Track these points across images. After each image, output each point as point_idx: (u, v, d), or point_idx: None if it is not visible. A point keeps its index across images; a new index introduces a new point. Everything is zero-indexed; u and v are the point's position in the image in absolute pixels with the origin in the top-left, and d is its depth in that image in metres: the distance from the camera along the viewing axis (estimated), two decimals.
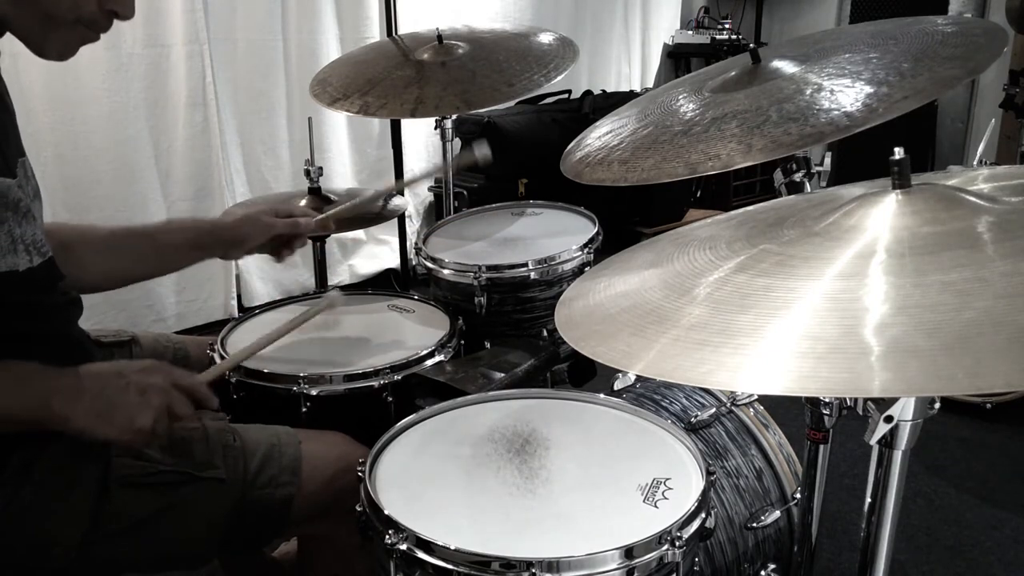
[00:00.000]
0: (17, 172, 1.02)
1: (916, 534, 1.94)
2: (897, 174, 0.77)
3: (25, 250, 1.02)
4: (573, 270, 1.58)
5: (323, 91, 1.87)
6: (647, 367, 0.70)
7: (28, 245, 1.03)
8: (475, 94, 1.75)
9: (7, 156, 1.02)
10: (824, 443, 1.03)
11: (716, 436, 1.31)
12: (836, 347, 0.62)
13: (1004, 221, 0.73)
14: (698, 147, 0.99)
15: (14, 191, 1.00)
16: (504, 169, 3.61)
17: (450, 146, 2.03)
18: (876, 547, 0.89)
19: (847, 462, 2.09)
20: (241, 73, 3.09)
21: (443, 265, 1.59)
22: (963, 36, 1.01)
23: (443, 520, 0.93)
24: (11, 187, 0.99)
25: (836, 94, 0.96)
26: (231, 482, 1.10)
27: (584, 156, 1.17)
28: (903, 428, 0.82)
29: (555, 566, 0.84)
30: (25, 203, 1.02)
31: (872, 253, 0.71)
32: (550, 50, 1.88)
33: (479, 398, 1.20)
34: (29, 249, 1.03)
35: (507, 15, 3.95)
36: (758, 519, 1.25)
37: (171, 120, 2.89)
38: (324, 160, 3.19)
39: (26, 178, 1.06)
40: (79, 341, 1.16)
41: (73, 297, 1.16)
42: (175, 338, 1.45)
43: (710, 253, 0.83)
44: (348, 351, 1.41)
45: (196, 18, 2.83)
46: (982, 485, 2.15)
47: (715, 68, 1.30)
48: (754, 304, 0.70)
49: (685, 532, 0.90)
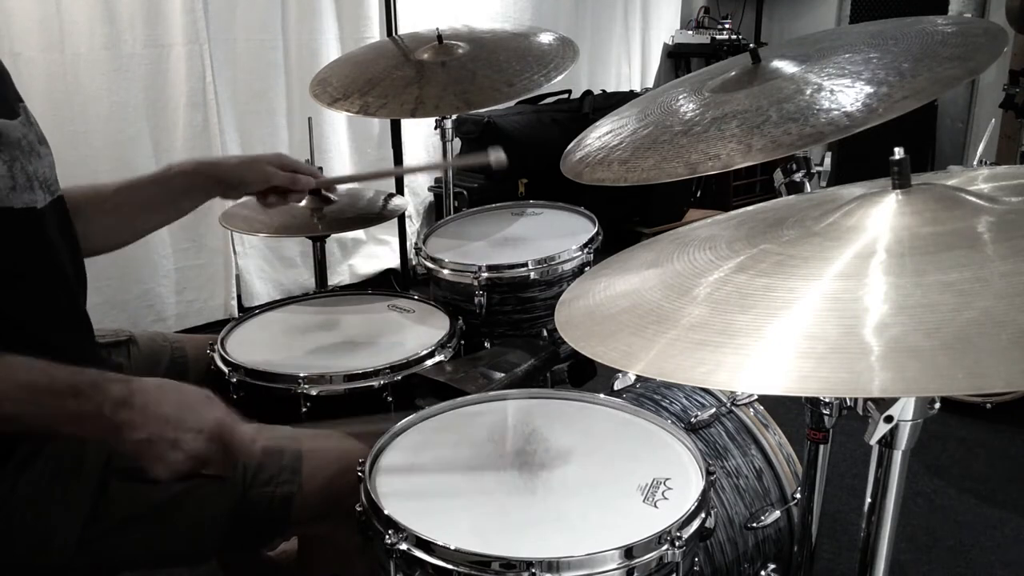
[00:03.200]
0: (19, 112, 1.03)
1: (916, 534, 1.94)
2: (897, 174, 0.77)
3: (40, 187, 1.03)
4: (573, 270, 1.58)
5: (323, 91, 1.87)
6: (647, 367, 0.69)
7: (42, 182, 1.03)
8: (475, 94, 1.75)
9: (7, 98, 1.03)
10: (824, 443, 1.03)
11: (716, 436, 1.31)
12: (836, 347, 0.62)
13: (1004, 221, 0.73)
14: (698, 147, 0.99)
15: (18, 129, 1.01)
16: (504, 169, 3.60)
17: (450, 146, 2.03)
18: (876, 547, 0.89)
19: (847, 462, 2.09)
20: (241, 73, 3.09)
21: (443, 265, 1.59)
22: (963, 36, 1.01)
23: (443, 520, 0.93)
24: (15, 127, 1.00)
25: (836, 94, 0.96)
26: (231, 480, 1.10)
27: (584, 156, 1.17)
28: (903, 428, 0.82)
29: (555, 566, 0.84)
30: (28, 140, 1.03)
31: (872, 253, 0.71)
32: (550, 50, 1.88)
33: (479, 398, 1.20)
34: (44, 187, 1.04)
35: (507, 15, 3.95)
36: (758, 519, 1.25)
37: (171, 120, 2.89)
38: (324, 160, 3.19)
39: (28, 122, 1.07)
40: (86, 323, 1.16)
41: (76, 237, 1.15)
42: (173, 337, 1.45)
43: (710, 253, 0.83)
44: (348, 351, 1.41)
45: (196, 18, 2.83)
46: (982, 485, 2.15)
47: (715, 68, 1.30)
48: (754, 304, 0.70)
49: (685, 532, 0.90)
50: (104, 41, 2.69)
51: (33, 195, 1.01)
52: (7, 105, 1.02)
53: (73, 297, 1.12)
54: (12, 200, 0.98)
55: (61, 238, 1.10)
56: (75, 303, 1.13)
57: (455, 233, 1.78)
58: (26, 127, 1.04)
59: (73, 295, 1.12)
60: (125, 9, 2.72)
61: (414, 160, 3.65)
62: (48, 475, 1.03)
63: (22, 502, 1.01)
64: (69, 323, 1.12)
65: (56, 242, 1.08)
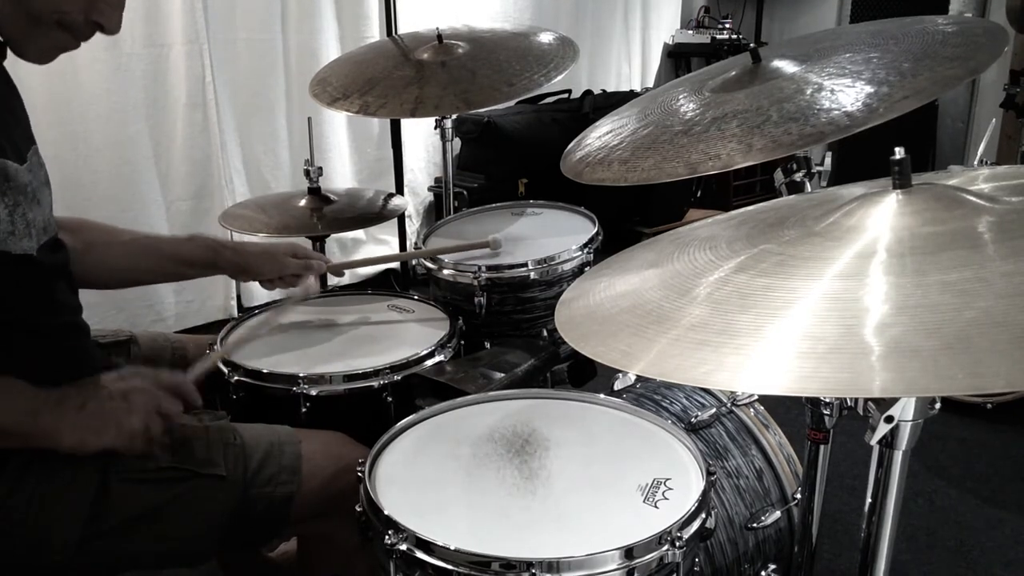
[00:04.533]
0: (28, 159, 1.04)
1: (917, 534, 1.94)
2: (898, 174, 0.77)
3: (37, 234, 1.04)
4: (573, 270, 1.58)
5: (323, 91, 1.87)
6: (647, 367, 0.69)
7: (39, 230, 1.04)
8: (475, 94, 1.75)
9: (18, 143, 1.04)
10: (824, 443, 1.03)
11: (716, 436, 1.31)
12: (836, 347, 0.62)
13: (1004, 221, 0.73)
14: (698, 147, 0.99)
15: (24, 175, 1.01)
16: (504, 169, 3.61)
17: (450, 146, 2.03)
18: (877, 547, 0.89)
19: (847, 462, 2.09)
20: (241, 73, 3.09)
21: (443, 265, 1.59)
22: (964, 36, 1.01)
23: (443, 520, 0.93)
24: (21, 172, 1.01)
25: (836, 94, 0.96)
26: (231, 480, 1.11)
27: (584, 156, 1.17)
28: (903, 428, 0.82)
29: (555, 566, 0.84)
30: (32, 187, 1.04)
31: (872, 253, 0.71)
32: (550, 50, 1.88)
33: (479, 398, 1.20)
34: (40, 235, 1.05)
35: (507, 15, 3.94)
36: (758, 519, 1.25)
37: (171, 120, 2.89)
38: (324, 160, 3.19)
39: (39, 165, 1.08)
40: (85, 331, 1.17)
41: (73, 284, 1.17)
42: (173, 337, 1.45)
43: (710, 253, 0.83)
44: (348, 351, 1.41)
45: (196, 18, 2.83)
46: (983, 485, 2.15)
47: (715, 68, 1.30)
48: (754, 304, 0.70)
49: (685, 532, 0.90)
50: (104, 41, 2.67)
51: (30, 242, 1.02)
52: (18, 150, 1.03)
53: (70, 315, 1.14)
54: (10, 245, 0.99)
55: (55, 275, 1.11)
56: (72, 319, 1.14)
57: (455, 233, 1.78)
58: (32, 173, 1.05)
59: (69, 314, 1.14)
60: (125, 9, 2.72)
61: (414, 160, 3.65)
62: (48, 476, 1.03)
63: (23, 503, 1.01)
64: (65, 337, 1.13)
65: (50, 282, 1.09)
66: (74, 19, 1.00)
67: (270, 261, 1.42)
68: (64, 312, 1.12)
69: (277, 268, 1.42)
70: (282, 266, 1.42)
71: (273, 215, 1.95)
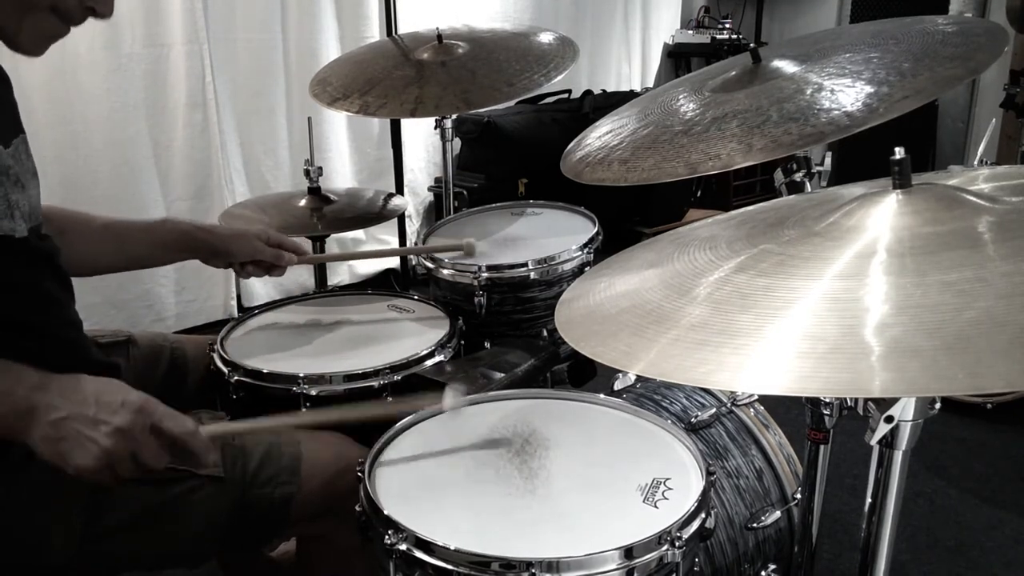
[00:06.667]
0: (12, 144, 1.03)
1: (917, 534, 1.94)
2: (898, 174, 0.77)
3: (22, 217, 1.02)
4: (573, 270, 1.58)
5: (323, 91, 1.87)
6: (647, 367, 0.69)
7: (24, 214, 1.03)
8: (475, 94, 1.75)
9: (4, 126, 1.02)
10: (824, 443, 1.03)
11: (716, 436, 1.31)
12: (836, 347, 0.62)
13: (1005, 221, 0.73)
14: (698, 147, 0.99)
15: (5, 158, 1.00)
16: (504, 169, 3.61)
17: (450, 146, 2.03)
18: (877, 547, 0.89)
19: (847, 462, 2.09)
20: (241, 73, 3.09)
21: (443, 265, 1.59)
22: (964, 36, 1.01)
23: (443, 520, 0.93)
24: (3, 154, 1.00)
25: (836, 94, 0.96)
26: (230, 480, 1.10)
27: (584, 156, 1.17)
28: (904, 428, 0.82)
29: (555, 566, 0.84)
30: (15, 171, 1.02)
31: (872, 253, 0.71)
32: (550, 50, 1.88)
33: (479, 398, 1.20)
34: (24, 218, 1.03)
35: (507, 15, 3.94)
36: (758, 519, 1.25)
37: (170, 120, 2.89)
38: (324, 160, 3.18)
39: (26, 155, 1.07)
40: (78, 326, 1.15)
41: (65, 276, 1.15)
42: (172, 337, 1.45)
43: (710, 253, 0.83)
44: (348, 351, 1.41)
45: (196, 18, 2.83)
46: (983, 485, 2.15)
47: (715, 68, 1.30)
48: (754, 304, 0.70)
49: (685, 532, 0.90)
50: (103, 41, 2.69)
51: (12, 223, 1.00)
52: (2, 132, 1.01)
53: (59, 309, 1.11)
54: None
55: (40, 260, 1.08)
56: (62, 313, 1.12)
57: (455, 233, 1.78)
58: (16, 159, 1.03)
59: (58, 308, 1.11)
60: (124, 8, 2.72)
61: (414, 160, 3.65)
62: (47, 476, 1.02)
63: (21, 503, 1.01)
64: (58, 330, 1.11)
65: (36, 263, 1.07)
66: (68, 4, 0.99)
67: (239, 244, 1.40)
68: (53, 304, 1.10)
69: (249, 251, 1.41)
70: (254, 249, 1.41)
71: (273, 215, 1.94)
